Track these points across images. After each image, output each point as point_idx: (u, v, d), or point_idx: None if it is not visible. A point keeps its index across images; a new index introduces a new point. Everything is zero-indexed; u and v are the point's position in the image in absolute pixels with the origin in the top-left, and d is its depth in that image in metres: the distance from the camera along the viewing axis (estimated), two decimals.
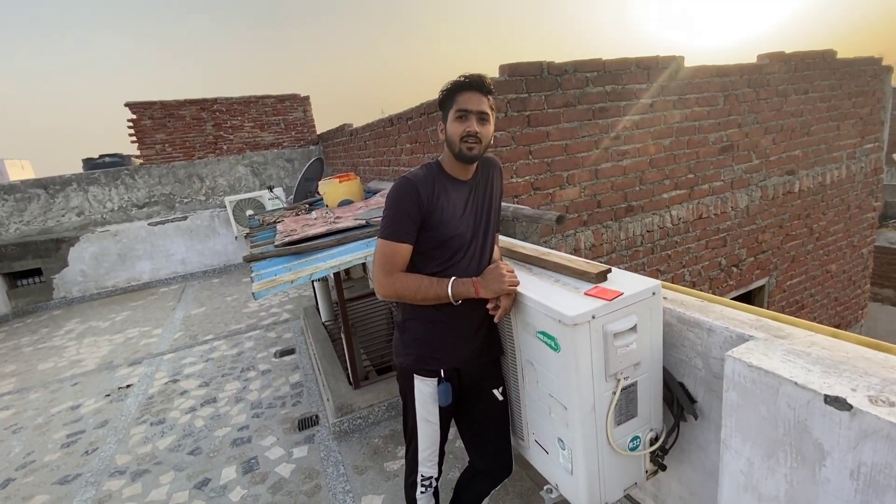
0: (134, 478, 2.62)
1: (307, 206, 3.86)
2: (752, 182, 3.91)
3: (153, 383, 3.77)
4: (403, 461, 2.51)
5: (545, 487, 1.52)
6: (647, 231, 3.37)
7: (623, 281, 1.36)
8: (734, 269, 3.98)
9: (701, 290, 3.88)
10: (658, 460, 1.47)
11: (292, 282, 1.93)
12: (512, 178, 2.76)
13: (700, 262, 3.74)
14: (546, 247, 2.92)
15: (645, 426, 1.43)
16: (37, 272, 6.43)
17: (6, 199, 6.28)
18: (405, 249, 1.32)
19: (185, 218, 7.07)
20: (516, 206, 2.25)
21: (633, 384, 1.35)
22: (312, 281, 4.30)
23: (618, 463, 1.39)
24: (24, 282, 6.41)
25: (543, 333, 1.31)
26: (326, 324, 4.02)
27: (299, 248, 2.34)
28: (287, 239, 2.67)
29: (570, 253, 3.11)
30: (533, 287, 1.40)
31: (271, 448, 2.74)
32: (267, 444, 2.77)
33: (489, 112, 1.33)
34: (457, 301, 1.33)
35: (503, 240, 1.90)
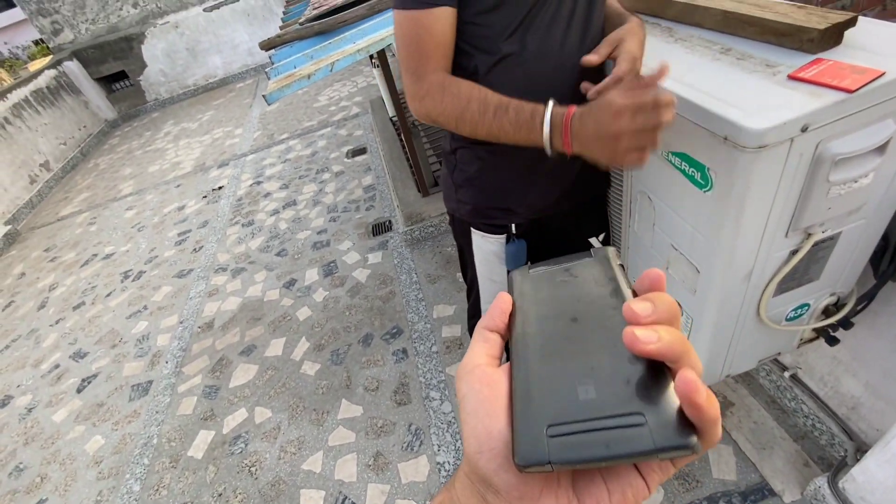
0: (234, 275, 2.86)
1: None
2: None
3: (240, 185, 3.88)
4: None
5: None
6: None
7: (885, 44, 0.65)
8: None
9: None
10: (829, 333, 1.01)
11: (309, 77, 1.42)
12: None
13: None
14: None
15: (824, 290, 0.92)
16: (123, 76, 6.50)
17: None
18: (441, 21, 0.72)
19: None
20: None
21: (833, 238, 0.79)
22: (374, 64, 3.68)
23: (762, 335, 0.96)
24: (117, 86, 6.58)
25: (684, 157, 0.74)
26: (393, 119, 3.56)
27: (323, 24, 1.73)
28: (314, 13, 2.03)
29: None
30: (677, 63, 0.76)
31: (348, 253, 2.73)
32: (344, 249, 2.77)
33: None
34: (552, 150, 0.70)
35: None
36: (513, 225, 0.96)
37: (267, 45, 1.80)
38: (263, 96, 1.43)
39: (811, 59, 0.65)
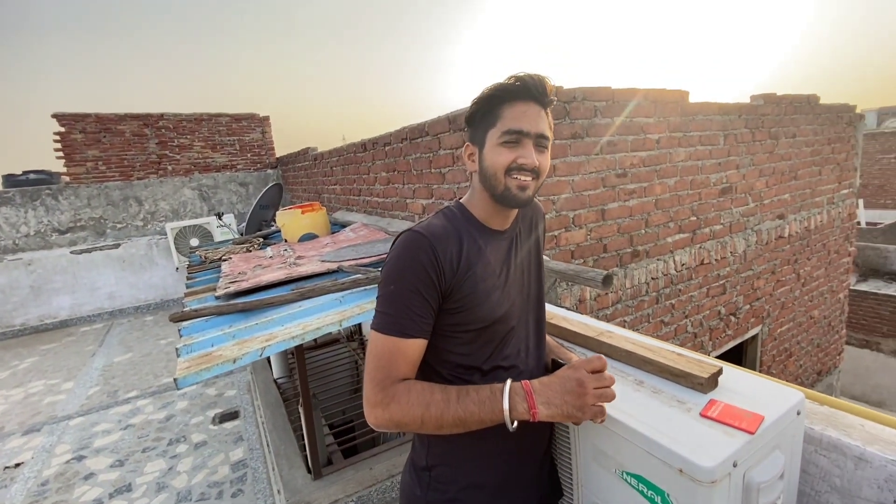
0: None
1: (261, 239, 3.27)
2: (749, 226, 3.71)
3: (51, 461, 2.95)
4: None
5: None
6: (653, 278, 3.03)
7: (744, 389, 0.92)
8: (732, 318, 3.72)
9: (703, 341, 3.58)
10: None
11: (234, 361, 1.37)
12: None
13: (701, 312, 3.44)
14: (548, 298, 2.49)
15: None
16: None
17: None
18: (415, 347, 0.82)
19: (116, 246, 6.17)
20: (545, 258, 1.79)
21: None
22: None
23: None
24: None
25: (639, 479, 0.83)
26: (279, 381, 3.36)
27: (248, 303, 1.78)
28: (233, 288, 2.09)
29: (575, 306, 2.70)
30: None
31: None
32: None
33: (549, 134, 0.89)
34: (513, 425, 0.78)
35: None
36: None
37: (178, 318, 1.73)
38: (175, 379, 1.29)
39: (707, 399, 0.88)
